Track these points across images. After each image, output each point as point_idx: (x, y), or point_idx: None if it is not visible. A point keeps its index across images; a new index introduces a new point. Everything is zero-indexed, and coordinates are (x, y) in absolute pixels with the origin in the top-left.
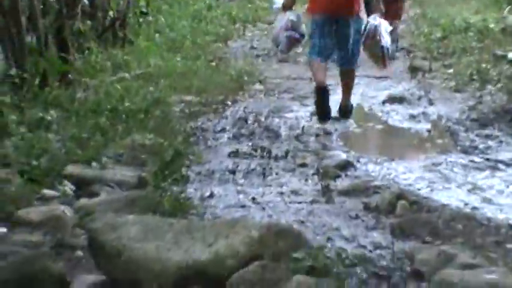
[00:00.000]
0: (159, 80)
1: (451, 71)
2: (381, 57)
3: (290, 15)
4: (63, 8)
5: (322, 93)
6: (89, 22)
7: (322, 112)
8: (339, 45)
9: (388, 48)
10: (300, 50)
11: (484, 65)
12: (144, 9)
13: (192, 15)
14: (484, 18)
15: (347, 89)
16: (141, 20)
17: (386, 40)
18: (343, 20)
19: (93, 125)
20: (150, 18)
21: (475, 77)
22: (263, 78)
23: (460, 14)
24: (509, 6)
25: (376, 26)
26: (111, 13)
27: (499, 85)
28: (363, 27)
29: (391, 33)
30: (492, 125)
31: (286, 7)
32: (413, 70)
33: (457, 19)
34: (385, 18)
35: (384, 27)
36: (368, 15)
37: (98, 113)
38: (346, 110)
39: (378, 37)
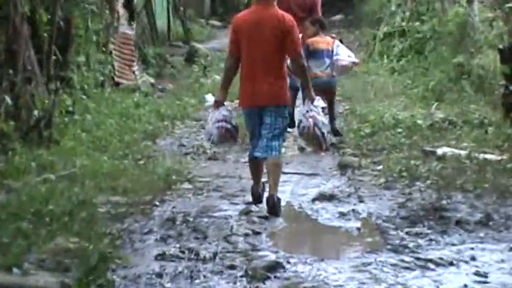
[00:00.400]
0: (85, 181)
1: (380, 167)
2: (317, 144)
3: (222, 110)
4: None
5: (256, 196)
6: (12, 123)
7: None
8: (264, 134)
9: (324, 133)
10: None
11: (413, 162)
12: (70, 108)
13: (120, 113)
14: (413, 114)
15: (273, 180)
16: (67, 119)
17: (321, 125)
18: (268, 110)
19: (14, 230)
20: (77, 117)
21: (404, 174)
22: (192, 176)
23: (389, 110)
24: (437, 103)
25: (309, 126)
26: (36, 113)
27: (428, 182)
28: (287, 114)
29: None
30: (422, 223)
31: (218, 103)
32: (343, 167)
33: (385, 115)
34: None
35: (318, 112)
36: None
37: (20, 216)
38: (273, 204)
39: (313, 129)
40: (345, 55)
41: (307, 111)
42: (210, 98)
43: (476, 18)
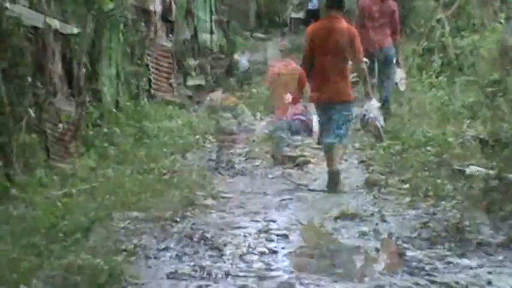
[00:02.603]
0: (106, 195)
1: (407, 186)
2: (378, 134)
3: (298, 106)
4: (9, 121)
5: (334, 177)
6: (35, 135)
7: (333, 189)
8: (333, 126)
9: (382, 126)
10: (258, 162)
11: (440, 181)
12: (98, 121)
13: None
14: (444, 131)
15: (336, 157)
16: (93, 132)
17: (379, 119)
18: (334, 106)
19: (27, 245)
20: (105, 130)
21: (430, 193)
22: (216, 192)
23: (421, 127)
24: (469, 120)
25: (371, 117)
26: (60, 125)
27: (453, 202)
28: (352, 111)
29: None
30: (442, 245)
31: (295, 100)
32: (370, 185)
33: (416, 132)
34: None
35: (375, 108)
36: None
37: (35, 231)
38: (334, 176)
39: (371, 121)
40: None
41: (368, 108)
42: (289, 96)
43: None
